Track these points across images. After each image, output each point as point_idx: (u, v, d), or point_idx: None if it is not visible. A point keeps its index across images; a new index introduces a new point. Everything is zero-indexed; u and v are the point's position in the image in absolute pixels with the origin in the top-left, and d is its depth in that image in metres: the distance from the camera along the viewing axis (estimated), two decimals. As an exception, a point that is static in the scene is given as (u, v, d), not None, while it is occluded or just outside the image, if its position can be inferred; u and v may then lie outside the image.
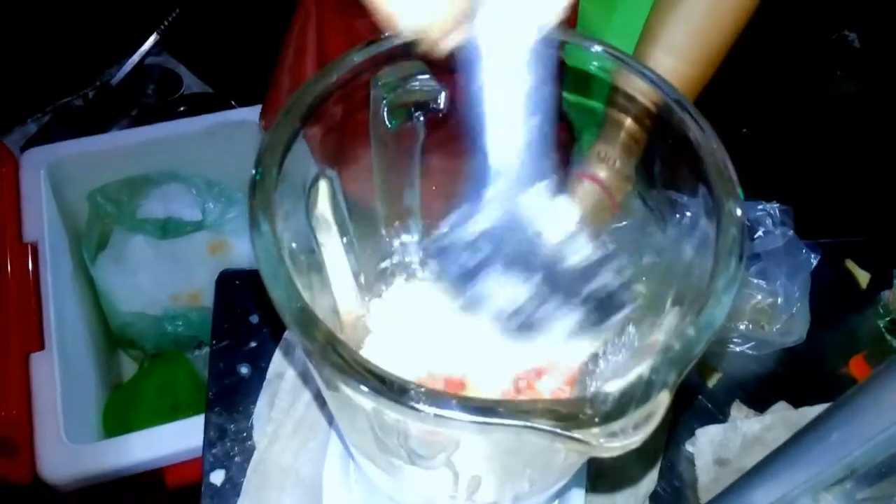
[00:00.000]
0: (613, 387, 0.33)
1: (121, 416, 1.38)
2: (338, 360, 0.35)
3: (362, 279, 0.59)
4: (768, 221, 0.90)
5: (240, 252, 1.59)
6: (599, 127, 0.61)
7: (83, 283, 1.50)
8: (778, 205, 0.91)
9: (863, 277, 1.00)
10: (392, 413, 0.35)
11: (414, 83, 0.53)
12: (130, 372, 1.58)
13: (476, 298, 0.49)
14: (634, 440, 0.33)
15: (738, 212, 0.42)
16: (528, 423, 0.32)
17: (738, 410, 0.85)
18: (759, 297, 0.89)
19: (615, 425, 0.33)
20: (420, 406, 0.33)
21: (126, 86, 1.82)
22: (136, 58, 1.80)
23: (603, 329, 0.50)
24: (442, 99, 0.54)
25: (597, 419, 0.32)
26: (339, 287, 0.55)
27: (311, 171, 0.51)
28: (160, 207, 1.58)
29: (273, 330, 0.87)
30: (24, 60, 1.78)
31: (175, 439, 1.16)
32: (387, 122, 0.54)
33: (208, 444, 0.78)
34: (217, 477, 0.76)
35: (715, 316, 0.37)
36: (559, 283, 0.49)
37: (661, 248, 0.52)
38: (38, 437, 1.15)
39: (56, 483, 1.12)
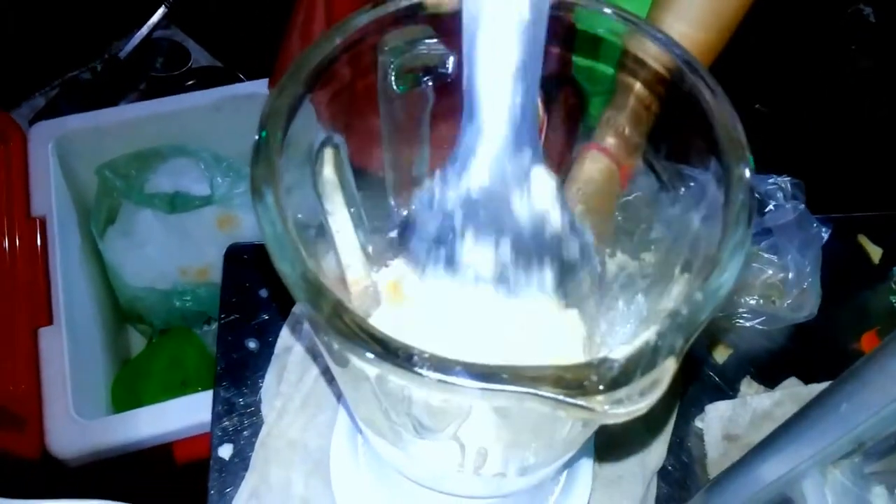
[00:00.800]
0: (619, 353, 0.33)
1: (129, 392, 1.38)
2: (343, 327, 0.35)
3: (370, 249, 0.58)
4: (779, 195, 0.89)
5: (248, 226, 1.59)
6: (610, 94, 0.60)
7: (91, 258, 1.49)
8: (789, 178, 0.90)
9: (875, 253, 0.98)
10: (397, 380, 0.34)
11: (421, 47, 0.52)
12: (139, 347, 1.58)
13: (452, 263, 0.51)
14: (640, 407, 0.33)
15: (748, 176, 0.41)
16: (532, 390, 0.32)
17: (748, 386, 0.85)
18: (770, 271, 0.88)
19: (621, 392, 0.32)
20: (424, 372, 0.33)
21: (134, 59, 1.80)
22: (144, 31, 1.79)
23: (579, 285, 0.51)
24: (450, 64, 0.53)
25: (602, 386, 0.32)
26: (346, 257, 0.54)
27: (318, 136, 0.50)
28: (168, 182, 1.58)
29: (281, 304, 0.86)
30: (31, 34, 1.77)
31: (184, 414, 1.16)
32: (394, 87, 0.53)
33: (216, 418, 0.78)
34: (225, 451, 0.75)
35: (723, 281, 0.37)
36: (532, 247, 0.50)
37: (671, 217, 0.51)
38: (47, 412, 1.15)
39: (64, 458, 1.13)
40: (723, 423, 0.80)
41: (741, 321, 0.88)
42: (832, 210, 0.96)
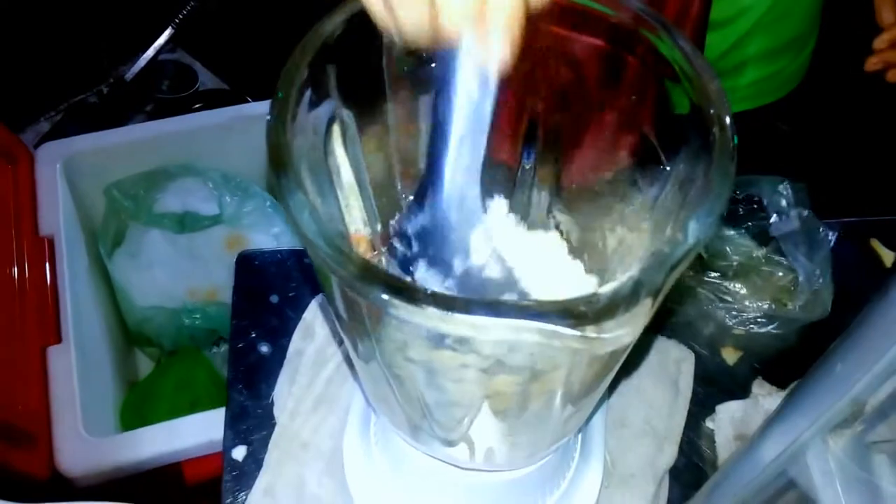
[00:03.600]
0: (607, 288, 0.36)
1: (138, 414, 1.37)
2: (352, 268, 0.37)
3: (378, 227, 0.58)
4: (783, 203, 0.88)
5: (256, 246, 1.57)
6: None
7: (100, 279, 1.49)
8: (790, 183, 0.89)
9: (888, 256, 0.97)
10: (406, 316, 0.36)
11: None
12: (146, 371, 1.57)
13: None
14: (622, 337, 0.37)
15: (728, 120, 0.44)
16: (530, 321, 0.35)
17: (759, 387, 0.83)
18: (780, 273, 0.87)
19: (608, 324, 0.35)
20: (428, 308, 0.35)
21: (141, 81, 1.81)
22: (150, 52, 1.79)
23: None
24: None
25: (591, 315, 0.35)
26: (353, 230, 0.54)
27: (327, 111, 0.50)
28: (177, 201, 1.57)
29: (292, 310, 0.86)
30: (36, 58, 1.78)
31: (194, 432, 1.15)
32: (400, 67, 0.53)
33: (230, 420, 0.78)
34: (239, 453, 0.75)
35: (701, 221, 0.39)
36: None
37: (663, 184, 0.52)
38: (56, 430, 1.14)
39: (74, 476, 1.11)
40: (734, 424, 0.79)
41: (754, 327, 0.87)
42: (844, 214, 0.95)
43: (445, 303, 0.35)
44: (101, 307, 1.46)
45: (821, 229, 0.87)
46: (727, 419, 0.79)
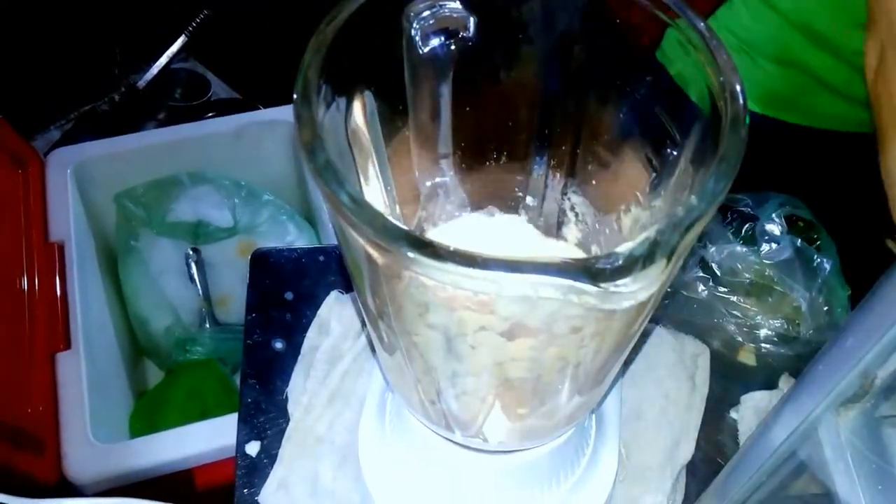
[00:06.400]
0: (624, 248, 0.36)
1: (148, 422, 1.35)
2: (379, 223, 0.37)
3: (398, 210, 0.59)
4: (777, 231, 0.87)
5: (269, 255, 1.57)
6: None
7: (109, 285, 1.49)
8: (786, 200, 0.88)
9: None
10: (429, 272, 0.37)
11: (443, 9, 0.52)
12: (156, 379, 1.55)
13: None
14: (640, 295, 0.37)
15: (738, 88, 0.44)
16: (547, 276, 0.35)
17: (786, 382, 0.82)
18: (794, 293, 0.85)
19: (624, 281, 0.36)
20: (445, 265, 0.36)
21: (153, 89, 1.81)
22: (163, 60, 1.79)
23: None
24: (471, 27, 0.53)
25: (607, 272, 0.35)
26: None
27: (349, 92, 0.50)
28: (190, 209, 1.56)
29: (305, 306, 0.86)
30: (49, 65, 1.78)
31: (205, 439, 1.13)
32: (417, 49, 0.53)
33: (243, 416, 0.77)
34: (252, 448, 0.74)
35: (714, 183, 0.40)
36: None
37: (672, 165, 0.52)
38: (65, 436, 1.13)
39: (82, 482, 1.10)
40: (758, 414, 0.78)
41: (768, 346, 0.85)
42: (859, 213, 0.93)
43: (467, 259, 0.36)
44: (111, 314, 1.45)
45: (815, 257, 0.86)
46: (752, 409, 0.79)
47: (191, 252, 1.54)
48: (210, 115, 1.79)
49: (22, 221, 1.31)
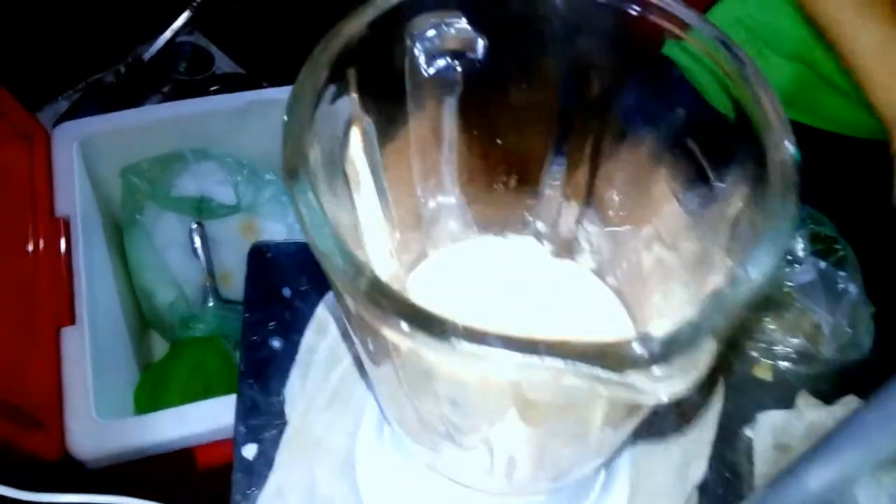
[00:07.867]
0: (661, 330, 0.32)
1: (152, 397, 1.37)
2: (379, 297, 0.34)
3: (397, 237, 0.57)
4: (799, 252, 0.85)
5: (270, 234, 1.58)
6: None
7: (116, 260, 1.49)
8: (811, 214, 0.86)
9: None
10: (433, 355, 0.34)
11: (450, 29, 0.51)
12: (162, 352, 1.57)
13: None
14: (680, 387, 0.32)
15: (791, 152, 0.40)
16: (571, 365, 0.31)
17: (804, 400, 0.80)
18: (814, 316, 0.83)
19: (661, 370, 0.31)
20: (459, 343, 0.32)
21: (158, 62, 1.80)
22: (168, 34, 1.79)
23: None
24: (479, 48, 0.52)
25: (643, 362, 0.31)
26: (372, 247, 0.53)
27: (345, 116, 0.49)
28: (194, 185, 1.57)
29: (304, 304, 0.85)
30: (54, 37, 1.78)
31: (207, 417, 1.15)
32: (422, 70, 0.52)
33: (240, 418, 0.77)
34: (249, 451, 0.74)
35: (765, 260, 0.36)
36: None
37: (708, 204, 0.49)
38: (68, 412, 1.14)
39: (84, 459, 1.11)
40: (775, 433, 0.76)
41: (787, 363, 0.83)
42: (880, 224, 0.91)
43: (477, 337, 0.32)
44: (117, 288, 1.46)
45: (839, 281, 0.83)
46: (767, 427, 0.77)
47: (195, 226, 1.55)
48: (214, 88, 1.79)
49: (28, 196, 1.31)
